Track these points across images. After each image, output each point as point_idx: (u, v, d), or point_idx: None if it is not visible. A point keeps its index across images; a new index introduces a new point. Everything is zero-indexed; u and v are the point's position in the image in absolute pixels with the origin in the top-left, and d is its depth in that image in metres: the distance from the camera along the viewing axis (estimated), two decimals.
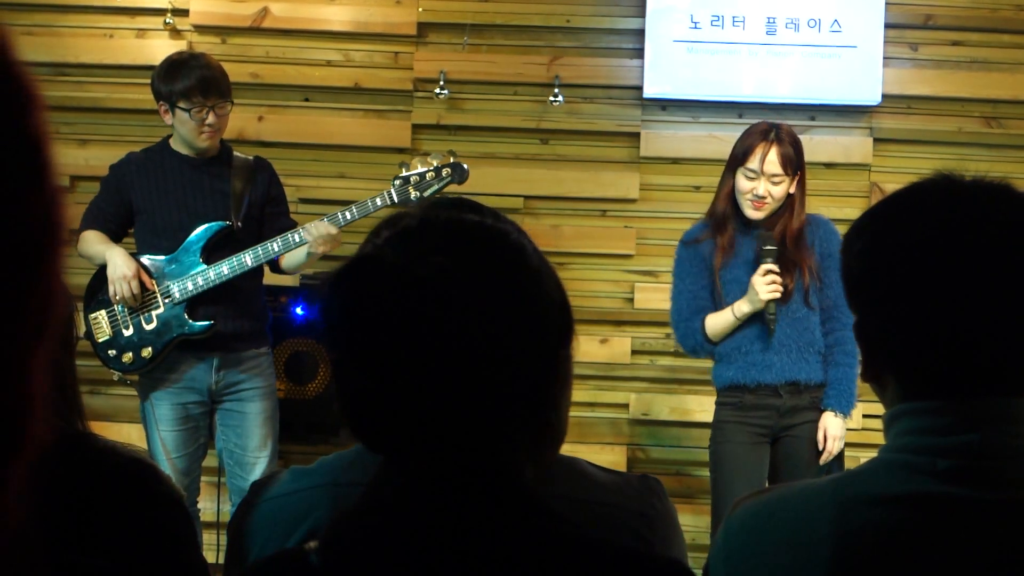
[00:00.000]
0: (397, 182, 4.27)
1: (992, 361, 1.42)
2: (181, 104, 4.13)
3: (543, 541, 1.21)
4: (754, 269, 3.99)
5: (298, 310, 4.75)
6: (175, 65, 4.18)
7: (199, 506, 4.37)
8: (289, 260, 4.22)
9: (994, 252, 1.42)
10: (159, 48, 5.27)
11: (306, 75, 5.32)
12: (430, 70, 5.26)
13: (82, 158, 5.29)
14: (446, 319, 1.18)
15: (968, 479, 1.38)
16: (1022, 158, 5.22)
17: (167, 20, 5.25)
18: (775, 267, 3.96)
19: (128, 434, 5.05)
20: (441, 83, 5.21)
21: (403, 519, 1.22)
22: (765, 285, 3.94)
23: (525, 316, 1.24)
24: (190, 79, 4.12)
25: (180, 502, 1.73)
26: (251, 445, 4.25)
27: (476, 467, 1.23)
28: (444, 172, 4.28)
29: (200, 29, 5.30)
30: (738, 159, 4.03)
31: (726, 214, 4.07)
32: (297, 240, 4.15)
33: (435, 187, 4.27)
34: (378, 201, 4.21)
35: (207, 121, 4.15)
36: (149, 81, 5.31)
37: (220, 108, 4.17)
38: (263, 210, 4.31)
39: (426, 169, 4.27)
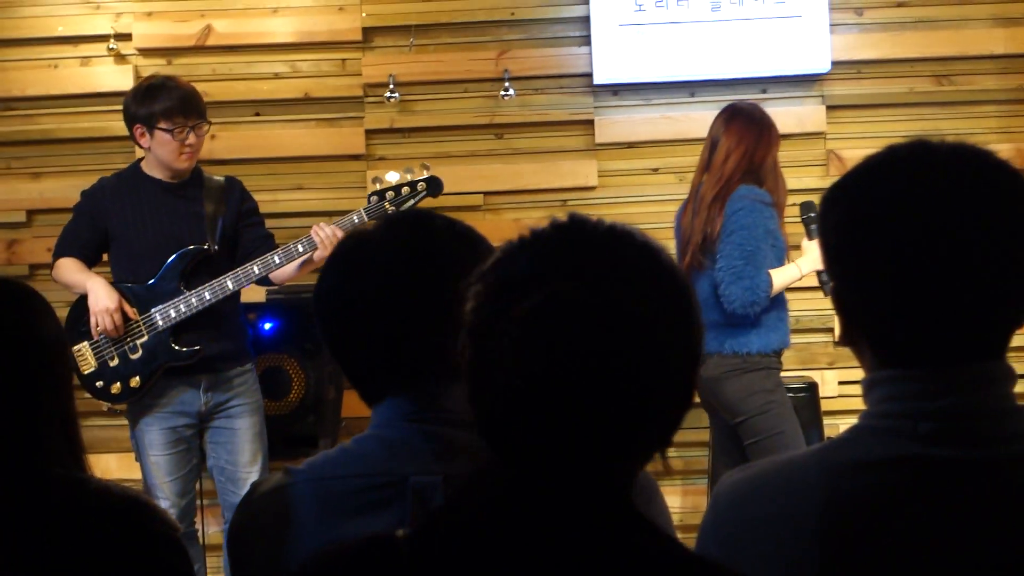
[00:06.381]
0: (373, 198, 4.25)
1: (968, 329, 1.41)
2: (161, 125, 4.10)
3: (641, 557, 1.21)
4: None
5: (267, 325, 4.71)
6: (152, 88, 4.16)
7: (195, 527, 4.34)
8: (280, 272, 4.19)
9: (968, 219, 1.40)
10: (105, 75, 5.24)
11: (255, 89, 5.29)
12: (379, 74, 5.24)
13: (36, 191, 5.25)
14: (634, 348, 1.19)
15: (949, 440, 1.39)
16: (975, 114, 5.25)
17: (111, 46, 5.21)
18: None
19: (108, 464, 5.03)
20: (391, 87, 5.19)
21: (502, 518, 1.20)
22: None
23: (686, 338, 1.25)
24: (170, 99, 4.11)
25: (175, 539, 1.74)
26: (242, 460, 4.24)
27: (592, 478, 1.22)
28: (419, 186, 4.27)
29: (144, 52, 5.26)
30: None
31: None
32: (301, 250, 4.12)
33: (410, 202, 4.26)
34: (355, 219, 4.18)
35: (187, 141, 4.13)
36: (98, 108, 5.27)
37: (199, 128, 4.17)
38: (236, 229, 4.29)
39: (401, 183, 4.25)
